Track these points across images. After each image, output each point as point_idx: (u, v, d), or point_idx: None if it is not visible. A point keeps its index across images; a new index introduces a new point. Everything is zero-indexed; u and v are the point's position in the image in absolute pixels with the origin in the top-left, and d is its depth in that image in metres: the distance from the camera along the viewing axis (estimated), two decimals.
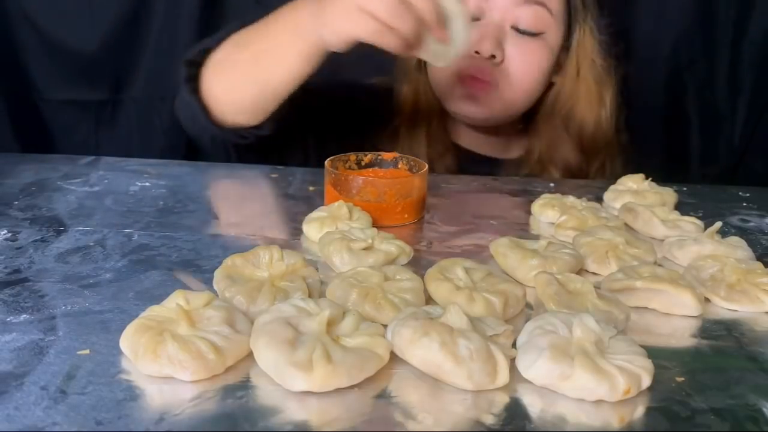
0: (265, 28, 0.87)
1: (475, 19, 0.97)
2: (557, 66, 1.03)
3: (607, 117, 1.05)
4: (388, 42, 0.72)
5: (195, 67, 0.90)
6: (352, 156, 0.79)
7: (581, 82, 1.03)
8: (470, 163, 1.07)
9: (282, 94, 0.87)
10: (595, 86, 1.03)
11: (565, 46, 1.02)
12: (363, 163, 0.80)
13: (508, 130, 1.08)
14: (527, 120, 1.08)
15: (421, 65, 1.06)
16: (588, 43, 1.02)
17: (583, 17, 1.01)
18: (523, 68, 0.98)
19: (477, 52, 0.96)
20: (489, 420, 0.41)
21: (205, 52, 0.90)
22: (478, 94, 0.98)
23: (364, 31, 0.72)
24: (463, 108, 1.01)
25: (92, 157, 0.90)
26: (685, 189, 0.90)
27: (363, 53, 0.80)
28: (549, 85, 1.05)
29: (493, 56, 0.96)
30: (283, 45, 0.83)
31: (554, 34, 0.99)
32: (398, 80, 1.08)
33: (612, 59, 1.05)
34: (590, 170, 1.07)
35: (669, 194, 0.83)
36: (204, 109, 0.89)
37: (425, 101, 1.06)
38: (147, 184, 0.82)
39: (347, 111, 1.07)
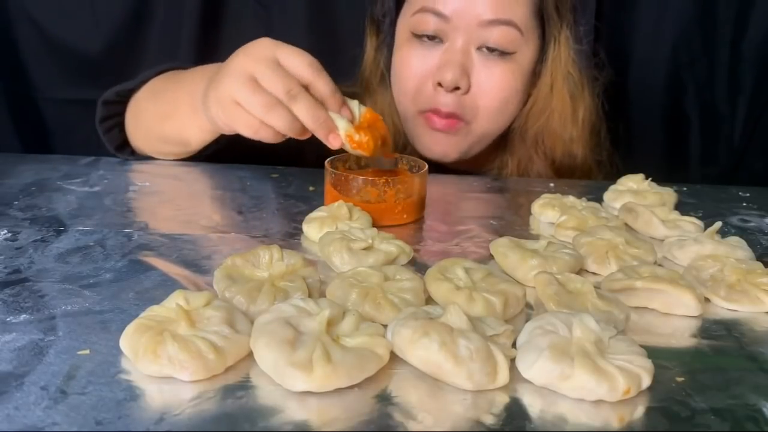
0: (175, 86, 0.85)
1: (434, 38, 0.90)
2: (532, 78, 0.97)
3: (579, 135, 0.99)
4: (265, 136, 0.69)
5: (112, 105, 0.91)
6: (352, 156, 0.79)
7: (555, 96, 0.97)
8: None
9: (190, 153, 0.88)
10: (570, 101, 0.97)
11: (540, 58, 0.96)
12: (363, 163, 0.80)
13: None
14: (500, 135, 1.02)
15: (385, 79, 1.00)
16: (563, 54, 0.95)
17: (558, 27, 0.94)
18: (493, 95, 0.90)
19: (439, 84, 0.88)
20: (489, 420, 0.41)
21: (129, 92, 0.91)
22: (445, 131, 0.91)
23: (241, 126, 0.69)
24: (432, 150, 0.94)
25: (92, 158, 0.90)
26: (685, 189, 0.90)
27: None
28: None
29: (458, 87, 0.88)
30: (183, 115, 0.81)
31: (526, 53, 0.92)
32: (359, 93, 1.02)
33: (591, 70, 1.00)
34: None
35: (669, 194, 0.83)
36: (117, 149, 0.92)
37: (389, 116, 1.00)
38: (147, 184, 0.82)
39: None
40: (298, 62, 0.69)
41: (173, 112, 0.84)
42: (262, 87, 0.67)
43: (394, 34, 0.99)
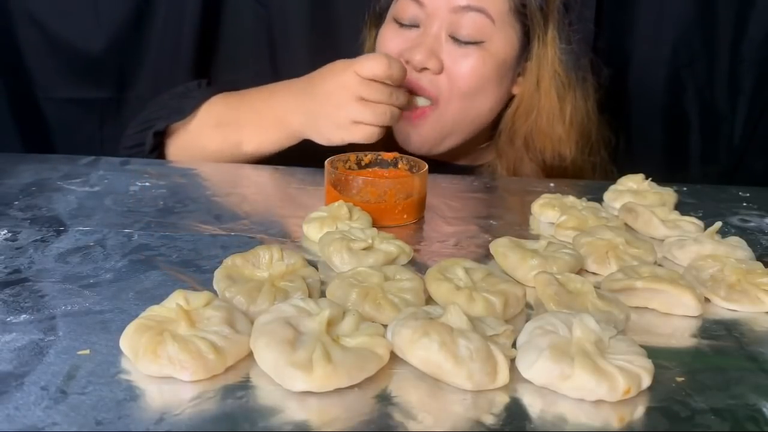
0: (244, 116, 0.93)
1: (413, 26, 0.93)
2: (511, 74, 0.97)
3: (567, 135, 0.99)
4: (376, 139, 0.83)
5: (160, 135, 0.95)
6: (352, 156, 0.80)
7: (542, 95, 0.97)
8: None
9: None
10: (557, 100, 0.98)
11: (525, 56, 0.97)
12: (363, 163, 0.80)
13: (472, 142, 1.03)
14: (488, 137, 1.03)
15: None
16: (550, 53, 0.96)
17: (541, 25, 0.95)
18: (463, 80, 0.92)
19: (408, 62, 0.91)
20: (489, 420, 0.41)
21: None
22: (411, 118, 0.93)
23: (360, 138, 0.83)
24: (402, 133, 0.95)
25: (92, 157, 0.90)
26: (685, 189, 0.90)
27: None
28: (510, 99, 1.00)
29: (426, 68, 0.91)
30: (261, 139, 0.91)
31: (498, 42, 0.93)
32: None
33: (581, 71, 1.00)
34: None
35: (669, 194, 0.83)
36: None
37: None
38: (147, 184, 0.82)
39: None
40: (375, 66, 0.81)
41: (247, 139, 0.92)
42: (369, 102, 0.81)
43: None
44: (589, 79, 1.02)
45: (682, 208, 0.81)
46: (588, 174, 1.04)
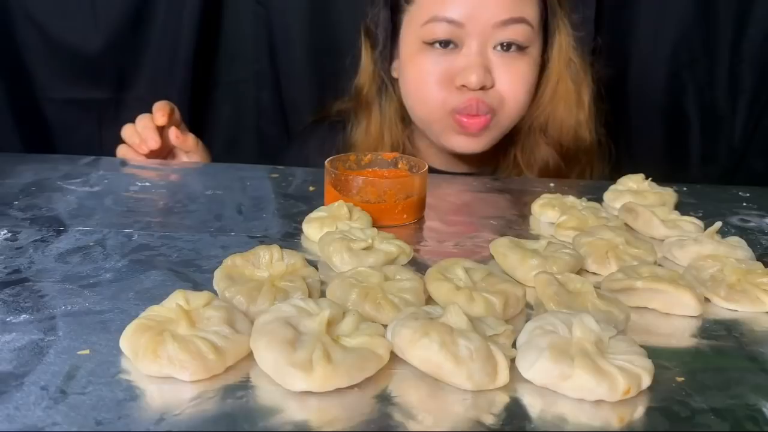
0: None
1: (448, 43, 0.92)
2: (540, 68, 0.99)
3: (585, 119, 1.01)
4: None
5: None
6: (352, 156, 0.80)
7: (560, 84, 1.00)
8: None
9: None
10: (574, 86, 1.00)
11: (545, 47, 0.99)
12: (363, 163, 0.80)
13: None
14: None
15: (382, 90, 1.02)
16: (564, 42, 0.98)
17: (560, 17, 0.97)
18: (515, 89, 0.94)
19: (464, 86, 0.91)
20: (489, 420, 0.41)
21: None
22: (475, 132, 0.94)
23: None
24: (459, 145, 0.96)
25: (92, 157, 0.90)
26: (685, 189, 0.90)
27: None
28: None
29: (483, 86, 0.91)
30: None
31: (536, 46, 0.96)
32: (357, 110, 1.05)
33: (588, 56, 1.02)
34: (570, 175, 1.03)
35: (669, 194, 0.83)
36: None
37: (390, 130, 1.02)
38: (147, 184, 0.82)
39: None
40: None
41: None
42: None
43: (392, 44, 0.99)
44: (594, 63, 1.03)
45: (682, 208, 0.81)
46: (597, 151, 1.05)
